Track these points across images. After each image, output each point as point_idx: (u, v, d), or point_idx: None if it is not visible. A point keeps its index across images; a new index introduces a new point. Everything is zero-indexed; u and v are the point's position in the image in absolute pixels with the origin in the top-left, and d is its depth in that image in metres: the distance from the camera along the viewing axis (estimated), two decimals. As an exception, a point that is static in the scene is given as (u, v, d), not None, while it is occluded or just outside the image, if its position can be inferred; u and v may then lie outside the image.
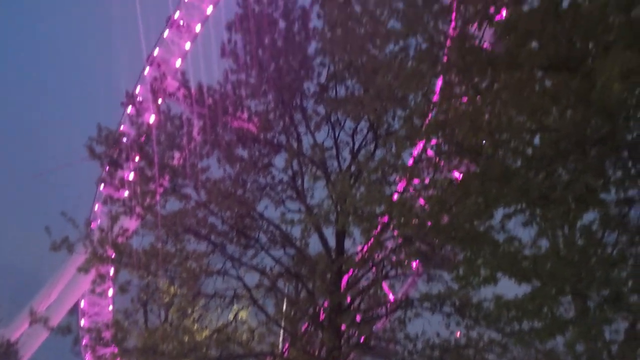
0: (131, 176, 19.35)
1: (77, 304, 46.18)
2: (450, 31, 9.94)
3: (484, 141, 9.51)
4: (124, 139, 19.41)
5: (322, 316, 18.41)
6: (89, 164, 19.16)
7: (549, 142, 8.87)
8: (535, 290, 10.38)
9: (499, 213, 10.33)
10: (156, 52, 39.13)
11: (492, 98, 8.99)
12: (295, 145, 18.90)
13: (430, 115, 11.20)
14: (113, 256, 18.48)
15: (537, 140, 9.29)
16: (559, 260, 10.12)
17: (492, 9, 9.34)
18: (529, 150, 9.17)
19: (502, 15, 9.41)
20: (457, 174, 12.22)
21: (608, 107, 7.90)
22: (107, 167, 18.86)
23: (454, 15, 9.88)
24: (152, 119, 20.30)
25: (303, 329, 19.90)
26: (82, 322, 44.02)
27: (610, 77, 7.39)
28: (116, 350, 19.72)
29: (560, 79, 8.52)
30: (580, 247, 10.23)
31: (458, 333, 17.77)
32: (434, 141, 11.19)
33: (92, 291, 21.60)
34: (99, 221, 33.30)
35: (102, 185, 22.15)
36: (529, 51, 8.59)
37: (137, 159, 18.80)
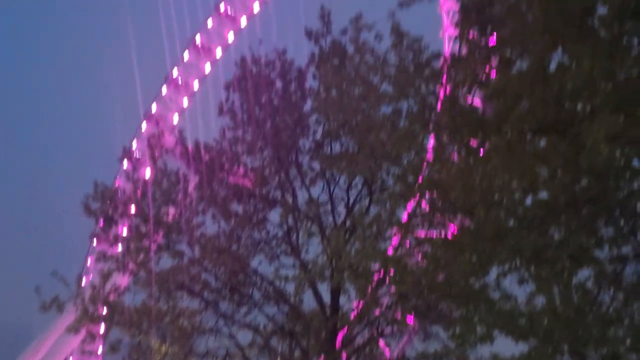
0: (125, 232, 19.29)
1: (65, 363, 44.74)
2: (441, 94, 10.24)
3: (476, 200, 9.62)
4: (119, 194, 19.47)
5: (317, 376, 17.99)
6: (83, 218, 19.15)
7: (540, 202, 9.00)
8: (532, 349, 10.26)
9: (494, 271, 10.35)
10: (154, 108, 39.79)
11: (483, 159, 9.17)
12: (290, 200, 19.00)
13: (423, 173, 11.38)
14: (104, 314, 18.18)
15: (529, 200, 9.42)
16: (556, 318, 10.06)
17: (482, 73, 9.67)
18: (520, 211, 9.27)
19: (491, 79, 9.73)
20: (451, 228, 12.29)
21: (596, 168, 8.07)
22: (102, 223, 18.83)
23: (444, 78, 10.20)
24: (147, 174, 20.43)
25: (297, 389, 19.36)
26: (70, 382, 42.53)
27: (597, 140, 7.60)
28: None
29: (549, 141, 8.73)
30: (575, 305, 10.19)
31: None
32: (428, 194, 11.30)
33: (82, 350, 21.06)
34: (90, 276, 32.87)
35: (95, 240, 22.01)
36: (518, 114, 8.82)
37: (132, 214, 18.80)
